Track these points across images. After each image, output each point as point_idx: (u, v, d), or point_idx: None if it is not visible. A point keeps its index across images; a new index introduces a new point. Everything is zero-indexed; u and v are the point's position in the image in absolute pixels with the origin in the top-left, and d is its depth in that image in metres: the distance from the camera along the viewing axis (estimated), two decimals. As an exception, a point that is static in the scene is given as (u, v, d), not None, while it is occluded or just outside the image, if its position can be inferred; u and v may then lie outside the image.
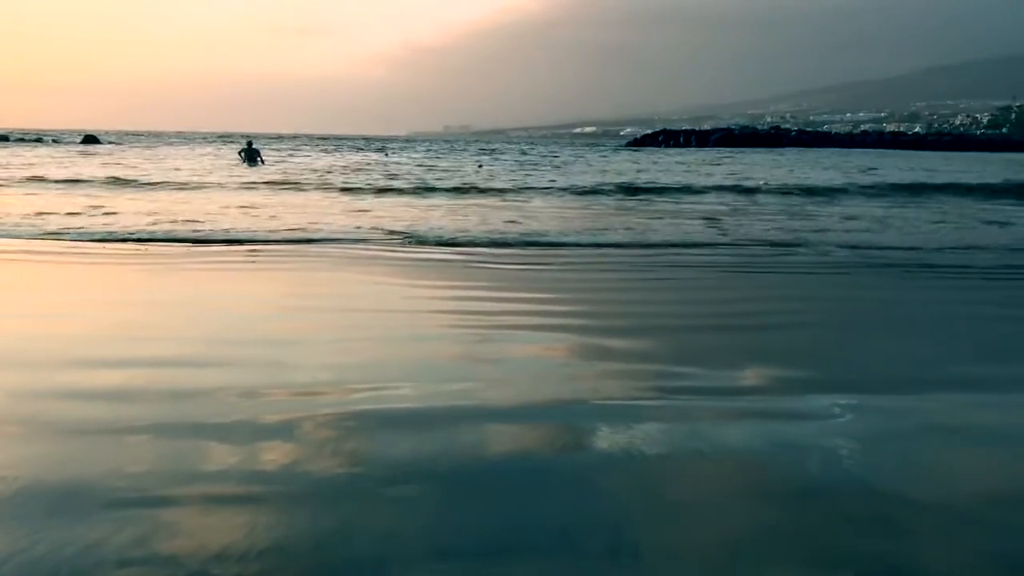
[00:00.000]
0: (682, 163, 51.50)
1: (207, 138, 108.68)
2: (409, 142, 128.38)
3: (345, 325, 7.20)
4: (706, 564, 3.06)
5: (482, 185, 28.22)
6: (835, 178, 35.23)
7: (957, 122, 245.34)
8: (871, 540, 3.24)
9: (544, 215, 18.52)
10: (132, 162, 41.61)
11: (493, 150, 79.24)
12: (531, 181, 31.51)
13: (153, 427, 4.40)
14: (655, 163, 51.64)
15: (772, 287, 9.87)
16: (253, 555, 3.07)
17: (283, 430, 4.37)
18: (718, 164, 49.67)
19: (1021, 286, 10.17)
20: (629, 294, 9.14)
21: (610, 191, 26.57)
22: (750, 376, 5.65)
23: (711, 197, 24.93)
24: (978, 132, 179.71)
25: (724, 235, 14.83)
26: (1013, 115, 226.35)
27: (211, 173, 32.54)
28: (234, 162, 41.60)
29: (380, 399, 4.95)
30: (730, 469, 3.95)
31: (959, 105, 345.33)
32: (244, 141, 44.99)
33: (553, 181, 31.64)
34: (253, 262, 11.10)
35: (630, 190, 26.86)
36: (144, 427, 4.39)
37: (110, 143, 76.92)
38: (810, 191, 27.44)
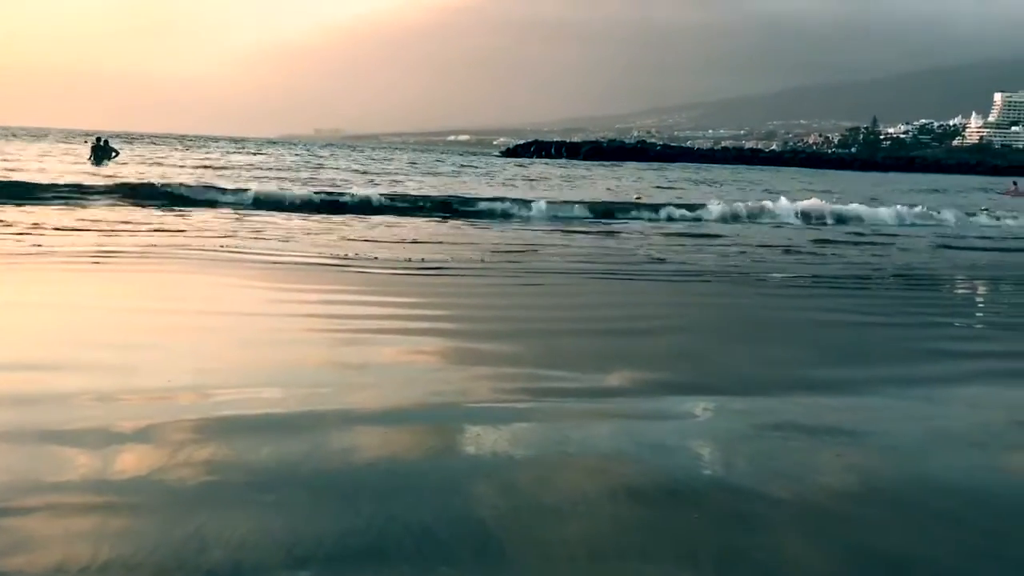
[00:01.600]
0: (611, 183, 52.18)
1: (71, 135, 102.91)
2: (286, 144, 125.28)
3: (204, 329, 6.93)
4: (573, 564, 3.06)
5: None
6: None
7: (811, 141, 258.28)
8: (732, 536, 3.32)
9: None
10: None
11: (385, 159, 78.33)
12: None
13: (-2, 434, 4.10)
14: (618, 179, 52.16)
15: (637, 293, 10.11)
16: (100, 567, 2.88)
17: (138, 436, 4.14)
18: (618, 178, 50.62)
19: (867, 295, 10.75)
20: (498, 299, 9.17)
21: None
22: (616, 379, 5.74)
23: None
24: (829, 151, 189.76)
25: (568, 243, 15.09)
26: (861, 136, 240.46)
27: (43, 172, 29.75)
28: (83, 160, 39.24)
29: (241, 404, 4.77)
30: (596, 470, 3.98)
31: (812, 125, 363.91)
32: (95, 139, 42.04)
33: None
34: (103, 263, 10.58)
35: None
36: (-15, 434, 4.09)
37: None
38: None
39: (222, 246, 12.36)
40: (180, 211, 18.02)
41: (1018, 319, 9.20)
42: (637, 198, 27.78)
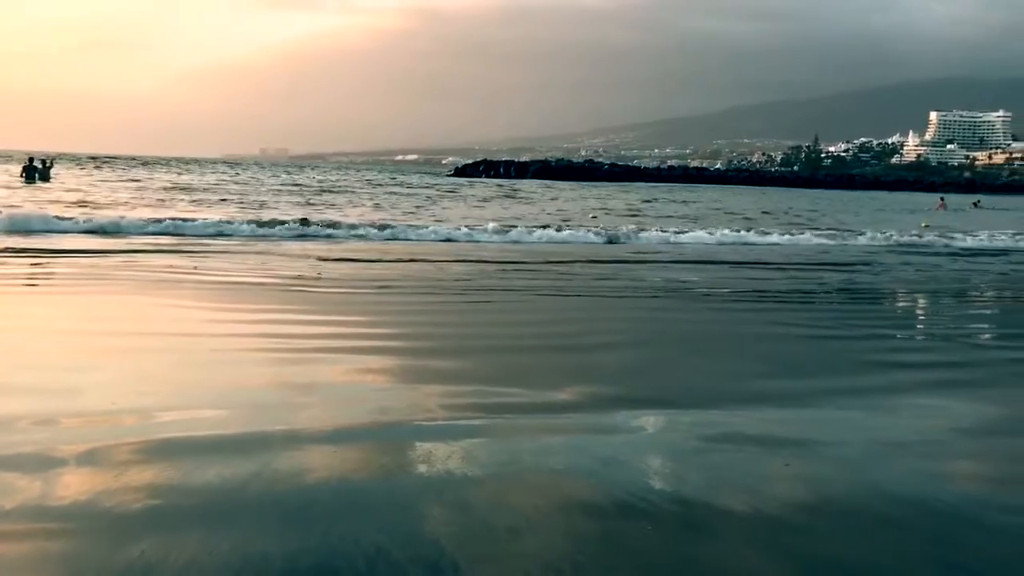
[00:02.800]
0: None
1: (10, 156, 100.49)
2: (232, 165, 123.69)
3: (147, 350, 6.78)
4: (526, 581, 3.05)
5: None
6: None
7: (754, 159, 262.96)
8: (686, 548, 3.33)
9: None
10: None
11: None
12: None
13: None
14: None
15: (587, 310, 10.15)
16: (38, 596, 2.79)
17: (81, 460, 4.04)
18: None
19: (811, 308, 10.93)
20: (447, 316, 9.13)
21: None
22: (568, 394, 5.74)
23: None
24: (773, 169, 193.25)
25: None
26: (803, 154, 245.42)
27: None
28: (14, 180, 38.22)
29: (185, 425, 4.67)
30: (549, 485, 3.97)
31: (755, 144, 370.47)
32: (27, 159, 40.97)
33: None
34: (40, 286, 10.33)
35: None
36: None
37: None
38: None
39: (165, 267, 12.17)
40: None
41: (955, 330, 9.42)
42: None
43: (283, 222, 20.46)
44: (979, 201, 59.37)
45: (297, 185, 52.93)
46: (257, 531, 3.33)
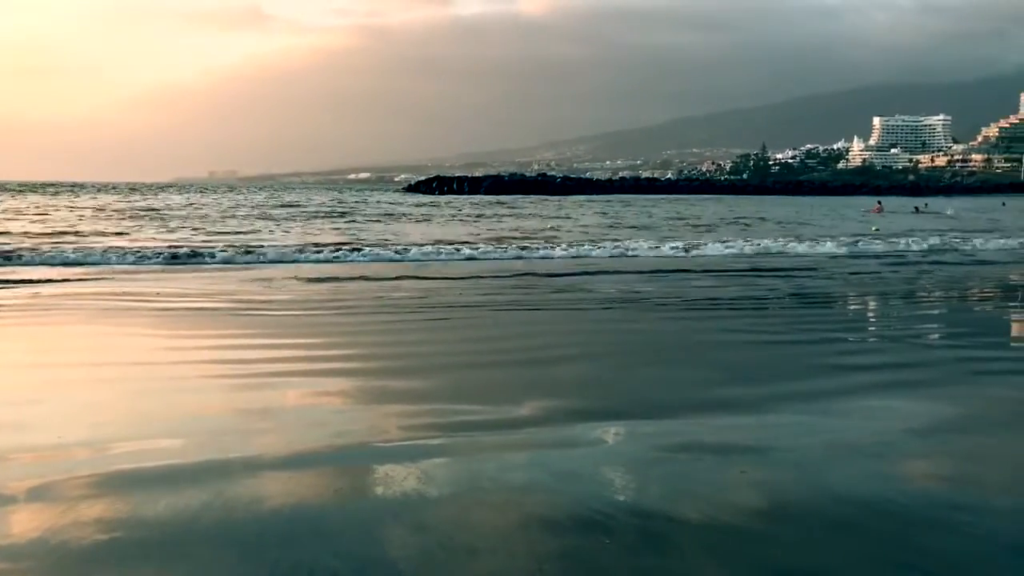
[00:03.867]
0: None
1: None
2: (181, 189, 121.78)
3: (96, 380, 6.66)
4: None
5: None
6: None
7: (704, 168, 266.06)
8: (643, 560, 3.34)
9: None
10: None
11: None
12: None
13: None
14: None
15: (543, 323, 10.16)
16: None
17: (29, 496, 3.95)
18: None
19: (764, 315, 11.05)
20: (404, 335, 9.08)
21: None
22: (526, 409, 5.74)
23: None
24: (722, 178, 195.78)
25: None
26: (752, 162, 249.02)
27: None
28: None
29: (137, 456, 4.59)
30: (508, 503, 3.96)
31: (705, 153, 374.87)
32: None
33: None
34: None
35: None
36: None
37: None
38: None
39: (112, 295, 11.96)
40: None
41: (904, 331, 9.59)
42: None
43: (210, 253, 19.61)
44: (927, 204, 60.63)
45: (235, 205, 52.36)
46: (210, 562, 3.28)
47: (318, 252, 19.77)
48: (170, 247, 20.24)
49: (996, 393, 6.46)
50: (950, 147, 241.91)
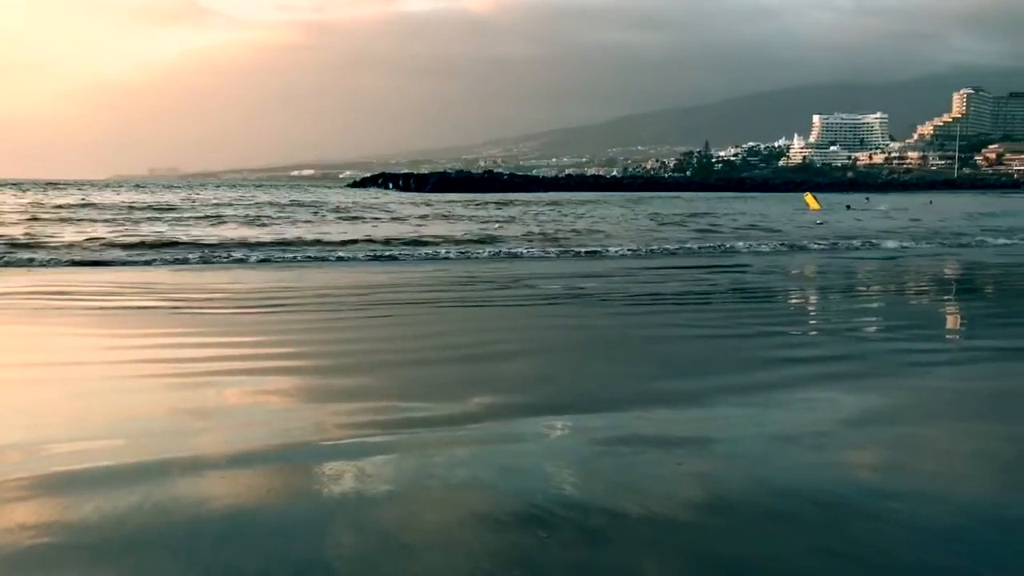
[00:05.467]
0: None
1: None
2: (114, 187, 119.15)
3: (30, 382, 6.47)
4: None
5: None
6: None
7: (648, 166, 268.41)
8: (581, 554, 3.34)
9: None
10: None
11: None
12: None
13: None
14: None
15: (486, 319, 10.15)
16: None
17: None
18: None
19: (705, 309, 11.19)
20: (345, 333, 8.99)
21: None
22: (469, 405, 5.72)
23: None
24: (666, 175, 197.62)
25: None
26: (695, 159, 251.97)
27: None
28: None
29: (73, 458, 4.46)
30: (449, 500, 3.93)
31: (649, 151, 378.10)
32: None
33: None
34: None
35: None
36: None
37: None
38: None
39: (41, 294, 11.66)
40: None
41: (840, 325, 9.78)
42: None
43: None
44: (868, 199, 62.15)
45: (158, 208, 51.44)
46: (138, 566, 3.20)
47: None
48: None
49: (926, 384, 6.62)
50: (887, 145, 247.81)
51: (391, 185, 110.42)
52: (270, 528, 3.58)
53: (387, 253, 19.29)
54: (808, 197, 54.30)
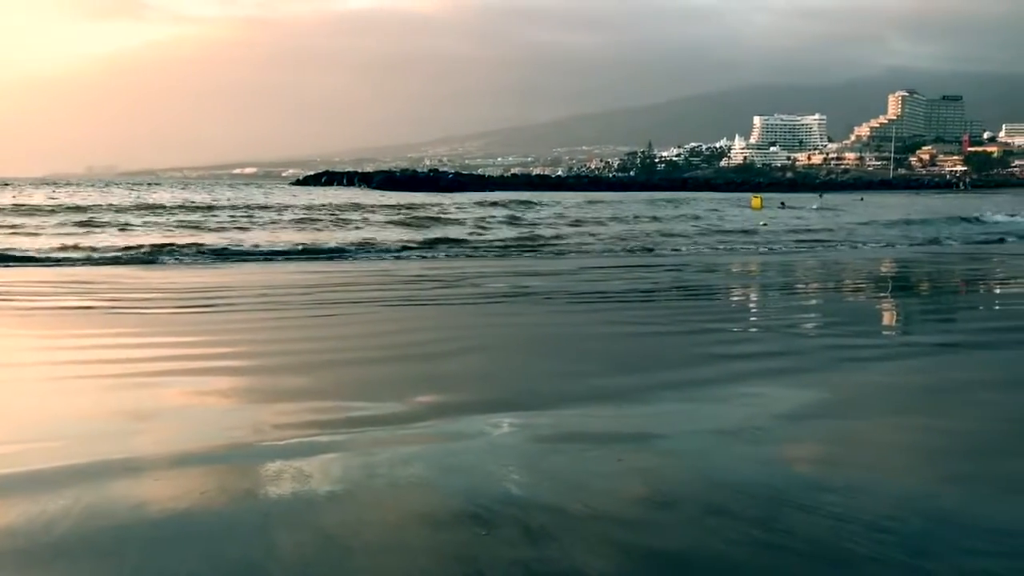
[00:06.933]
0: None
1: None
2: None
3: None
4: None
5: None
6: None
7: (592, 166, 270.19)
8: (519, 551, 3.34)
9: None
10: None
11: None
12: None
13: None
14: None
15: (430, 318, 10.11)
16: None
17: None
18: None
19: (648, 307, 11.29)
20: (290, 332, 8.89)
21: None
22: (414, 405, 5.68)
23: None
24: (610, 175, 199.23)
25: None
26: (638, 159, 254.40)
27: None
28: None
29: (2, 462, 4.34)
30: (389, 500, 3.90)
31: (594, 151, 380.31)
32: None
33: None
34: None
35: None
36: None
37: None
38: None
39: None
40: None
41: (778, 321, 9.94)
42: None
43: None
44: (822, 195, 65.68)
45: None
46: (63, 572, 3.11)
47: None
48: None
49: (860, 379, 6.77)
50: (825, 146, 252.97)
51: (335, 183, 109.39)
52: (206, 531, 3.51)
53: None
54: (754, 199, 55.81)
